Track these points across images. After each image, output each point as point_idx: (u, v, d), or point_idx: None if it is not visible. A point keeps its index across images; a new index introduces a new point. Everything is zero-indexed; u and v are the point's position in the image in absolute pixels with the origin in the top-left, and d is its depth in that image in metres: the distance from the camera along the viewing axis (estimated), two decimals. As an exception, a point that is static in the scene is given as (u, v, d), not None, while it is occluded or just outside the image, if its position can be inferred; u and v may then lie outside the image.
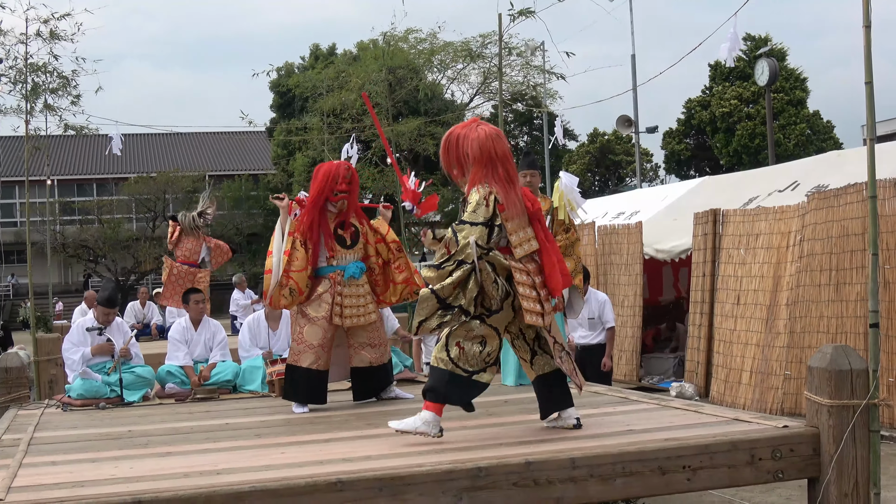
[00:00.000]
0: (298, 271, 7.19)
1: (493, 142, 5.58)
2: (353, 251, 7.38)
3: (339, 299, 7.23)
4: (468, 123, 5.75)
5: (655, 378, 14.62)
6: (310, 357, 7.17)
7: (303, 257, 7.21)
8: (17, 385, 8.41)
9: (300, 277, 7.19)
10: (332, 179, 7.25)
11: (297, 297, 7.22)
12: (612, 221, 16.42)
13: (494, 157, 5.56)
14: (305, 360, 7.17)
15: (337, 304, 7.22)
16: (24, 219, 15.85)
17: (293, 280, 7.18)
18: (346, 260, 7.34)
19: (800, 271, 11.17)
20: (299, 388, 7.23)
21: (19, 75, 16.14)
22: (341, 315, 7.23)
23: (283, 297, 7.23)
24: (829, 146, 37.26)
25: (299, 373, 7.18)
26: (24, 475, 4.95)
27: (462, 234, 5.46)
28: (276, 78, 44.79)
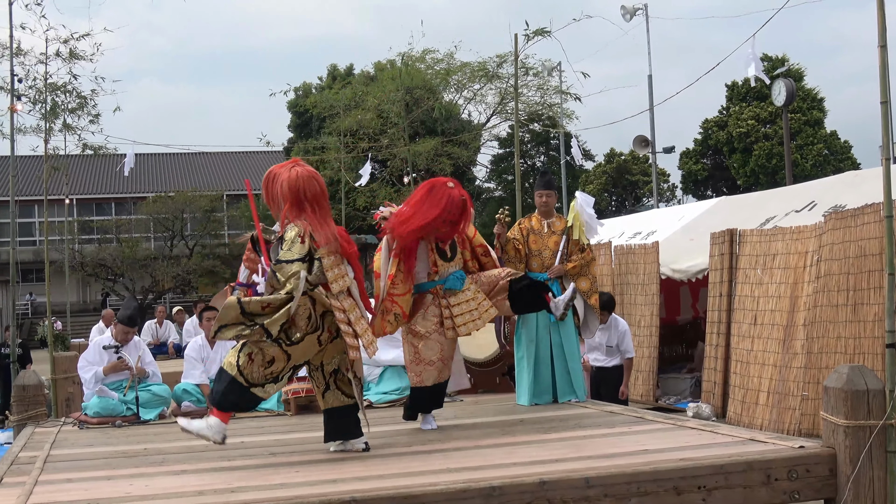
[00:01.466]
0: (402, 295, 6.96)
1: (304, 182, 5.86)
2: (454, 262, 7.18)
3: (447, 312, 7.02)
4: (286, 164, 6.04)
5: (672, 398, 14.56)
6: (433, 374, 7.00)
7: (404, 279, 6.98)
8: (35, 403, 8.45)
9: (404, 301, 6.97)
10: (449, 210, 6.92)
11: (402, 321, 7.00)
12: (628, 241, 16.40)
13: (304, 198, 5.85)
14: (429, 378, 7.00)
15: (447, 318, 7.01)
16: (43, 238, 15.91)
17: (398, 304, 6.95)
18: (447, 272, 7.13)
19: (817, 291, 11.12)
20: (425, 405, 7.12)
21: (39, 95, 16.25)
22: (454, 327, 7.00)
23: (387, 322, 6.94)
24: (846, 166, 37.20)
25: (425, 392, 7.05)
26: (39, 492, 4.97)
27: (281, 273, 5.64)
28: (294, 98, 45.04)
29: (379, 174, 36.13)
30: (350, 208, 34.64)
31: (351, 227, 37.94)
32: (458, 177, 37.29)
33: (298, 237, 5.75)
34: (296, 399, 8.44)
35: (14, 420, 8.63)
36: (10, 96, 13.30)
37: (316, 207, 5.86)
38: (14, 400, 8.64)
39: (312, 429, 7.35)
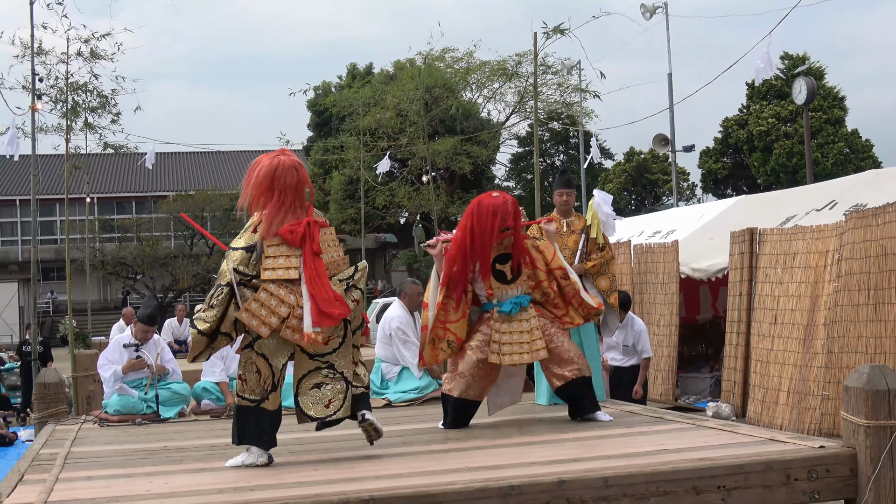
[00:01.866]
0: (456, 322, 6.91)
1: (282, 171, 5.71)
2: (515, 285, 6.98)
3: (496, 336, 6.88)
4: (273, 152, 5.87)
5: (692, 398, 14.51)
6: (461, 386, 6.93)
7: (460, 305, 6.92)
8: (56, 401, 8.49)
9: (458, 327, 6.92)
10: (498, 217, 6.85)
11: (456, 347, 6.97)
12: (648, 240, 16.35)
13: (275, 186, 5.70)
14: (457, 388, 6.95)
15: (495, 342, 6.87)
16: (64, 236, 15.99)
17: (451, 332, 6.92)
18: (505, 296, 6.96)
19: (837, 291, 11.06)
20: (447, 415, 7.04)
21: (60, 94, 16.32)
22: (499, 353, 6.87)
23: (440, 350, 6.95)
24: (867, 165, 36.96)
25: (450, 402, 6.99)
26: (60, 489, 4.99)
27: (228, 258, 5.67)
28: (314, 97, 45.13)
29: (398, 173, 36.19)
30: (369, 207, 34.67)
31: (370, 226, 38.01)
32: (477, 175, 37.42)
33: (252, 224, 5.76)
34: (315, 397, 8.43)
35: (35, 418, 8.69)
36: (31, 95, 13.37)
37: (284, 198, 5.74)
38: (35, 398, 8.69)
39: (331, 427, 7.37)
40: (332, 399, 5.80)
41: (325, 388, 5.79)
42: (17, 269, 51.89)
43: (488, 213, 6.86)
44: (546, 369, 7.03)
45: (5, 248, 54.65)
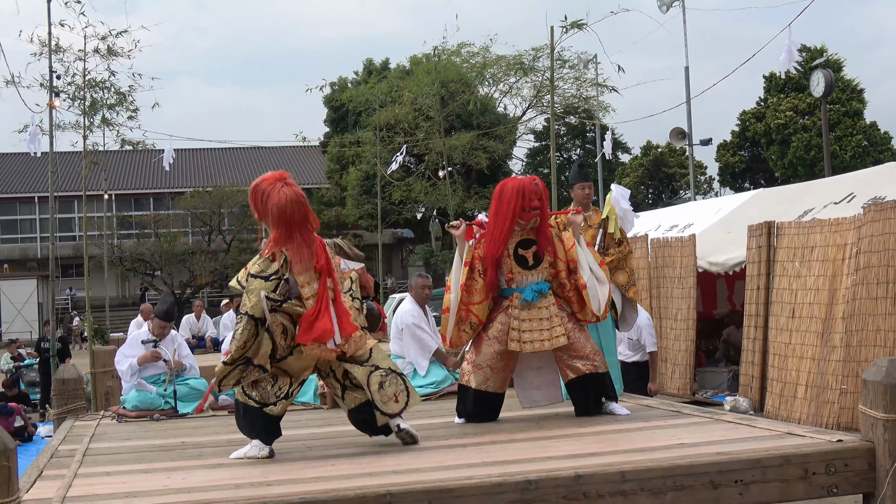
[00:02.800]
0: (479, 303, 6.90)
1: (291, 209, 5.84)
2: (536, 272, 6.92)
3: (515, 323, 6.82)
4: (273, 179, 5.94)
5: (709, 392, 14.49)
6: (479, 377, 6.90)
7: (482, 288, 6.90)
8: (74, 396, 8.54)
9: (480, 309, 6.91)
10: (523, 197, 6.80)
11: (479, 328, 6.95)
12: (665, 234, 16.32)
13: (292, 222, 5.86)
14: (475, 380, 6.92)
15: (514, 329, 6.82)
16: (83, 233, 16.05)
17: (473, 314, 6.91)
18: (525, 282, 6.90)
19: (856, 284, 11.02)
20: (465, 407, 7.01)
21: (78, 91, 16.40)
22: (520, 340, 6.82)
23: (463, 332, 6.95)
24: (886, 157, 36.76)
25: (468, 394, 6.95)
26: (78, 485, 5.02)
27: (250, 287, 5.82)
28: (330, 93, 45.16)
29: (415, 168, 36.21)
30: (386, 202, 34.69)
31: (387, 222, 38.04)
32: (494, 170, 37.38)
33: (273, 255, 5.90)
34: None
35: (54, 413, 8.73)
36: (49, 93, 13.44)
37: (303, 232, 5.94)
38: (54, 394, 8.74)
39: (349, 422, 7.38)
40: (398, 393, 6.06)
41: (387, 387, 6.03)
42: (35, 266, 52.21)
43: (514, 192, 6.83)
44: (560, 360, 7.01)
45: (24, 246, 54.96)
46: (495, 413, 7.03)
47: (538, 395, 7.26)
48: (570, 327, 6.94)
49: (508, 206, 6.84)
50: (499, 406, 7.05)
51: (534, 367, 7.16)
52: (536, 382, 7.23)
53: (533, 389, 7.25)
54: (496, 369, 6.93)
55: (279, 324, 5.79)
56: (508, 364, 6.99)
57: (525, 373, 7.19)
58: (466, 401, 7.00)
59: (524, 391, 7.26)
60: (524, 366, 7.15)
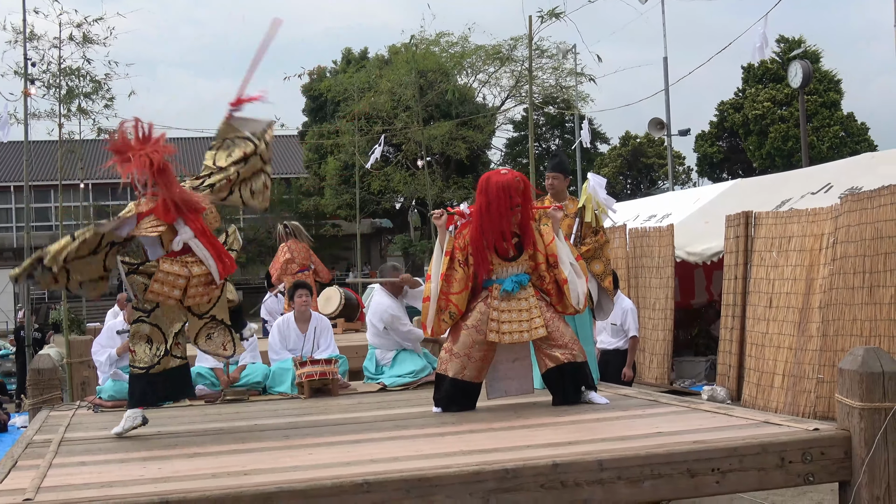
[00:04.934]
0: (458, 293, 6.91)
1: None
2: (516, 263, 6.94)
3: (495, 314, 6.84)
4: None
5: (687, 381, 14.55)
6: (455, 366, 6.90)
7: (462, 277, 6.91)
8: (50, 386, 8.47)
9: (459, 299, 6.91)
10: (510, 196, 6.85)
11: (457, 317, 6.96)
12: (643, 224, 16.36)
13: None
14: (451, 368, 6.91)
15: (493, 320, 6.83)
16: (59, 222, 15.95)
17: (453, 303, 6.91)
18: (505, 273, 6.93)
19: (833, 274, 11.08)
20: (442, 397, 6.99)
21: (53, 79, 16.27)
22: (499, 331, 6.83)
23: (443, 321, 6.96)
24: (863, 148, 36.94)
25: (445, 382, 6.95)
26: (53, 475, 4.98)
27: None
28: (309, 82, 45.03)
29: (393, 158, 36.16)
30: (364, 192, 34.64)
31: (365, 211, 37.97)
32: (473, 160, 37.39)
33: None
34: (309, 382, 8.44)
35: (29, 404, 8.67)
36: (24, 80, 13.33)
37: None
38: (29, 384, 8.67)
39: (326, 412, 7.37)
40: (225, 342, 6.65)
41: (216, 337, 6.62)
42: (11, 255, 51.78)
43: (500, 190, 6.85)
44: (538, 349, 7.01)
45: (0, 235, 54.57)
46: (472, 402, 7.02)
47: (509, 386, 7.23)
48: (549, 317, 6.95)
49: (498, 207, 6.86)
50: (476, 395, 7.05)
51: (509, 358, 7.15)
52: (509, 374, 7.20)
53: (504, 380, 7.22)
54: (473, 358, 6.92)
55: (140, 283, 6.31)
56: (487, 354, 6.98)
57: (500, 364, 7.17)
58: (443, 388, 6.99)
59: (493, 382, 7.22)
60: (502, 357, 7.13)
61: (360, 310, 14.11)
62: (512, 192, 6.85)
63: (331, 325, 9.84)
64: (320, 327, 9.42)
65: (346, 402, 8.00)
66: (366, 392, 8.70)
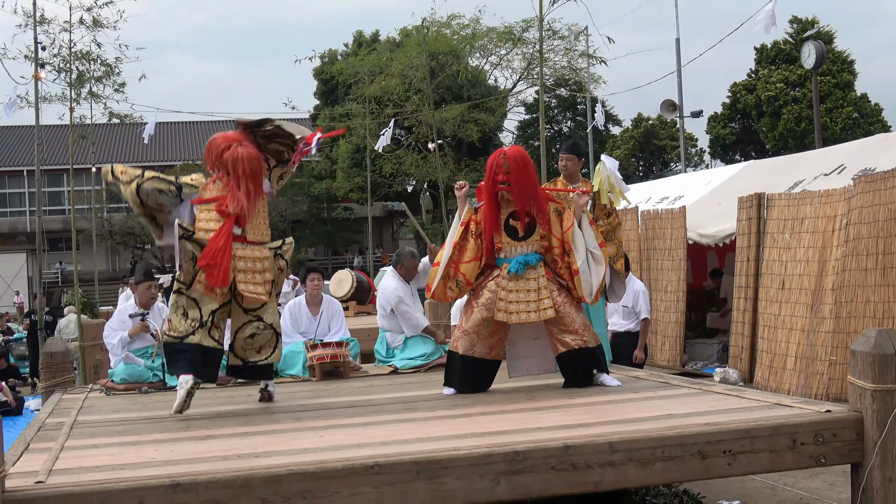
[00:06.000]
0: (467, 262, 6.95)
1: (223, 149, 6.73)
2: (526, 243, 6.94)
3: (503, 294, 6.85)
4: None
5: (699, 364, 14.51)
6: (465, 343, 6.95)
7: (473, 248, 6.96)
8: (62, 370, 8.51)
9: (468, 269, 6.94)
10: (491, 170, 6.92)
11: (465, 287, 7.00)
12: (655, 206, 16.30)
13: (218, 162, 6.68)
14: (461, 346, 6.96)
15: (501, 300, 6.85)
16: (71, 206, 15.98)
17: (461, 273, 6.96)
18: (514, 252, 6.95)
19: (846, 255, 11.02)
20: (453, 374, 7.04)
21: (63, 63, 16.26)
22: (506, 311, 6.85)
23: (449, 289, 7.02)
24: (876, 129, 36.76)
25: (455, 359, 7.00)
26: (65, 457, 5.00)
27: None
28: (320, 65, 44.99)
29: (405, 141, 36.10)
30: (376, 175, 34.62)
31: (377, 194, 37.98)
32: (485, 143, 37.30)
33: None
34: (321, 365, 8.45)
35: (42, 387, 8.70)
36: (34, 64, 13.33)
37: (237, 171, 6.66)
38: (42, 367, 8.70)
39: (337, 394, 7.38)
40: (264, 346, 6.76)
41: (258, 338, 6.71)
42: (25, 239, 52.03)
43: (488, 167, 6.99)
44: (550, 333, 7.00)
45: (13, 219, 54.78)
46: (483, 380, 7.04)
47: (530, 365, 7.25)
48: (560, 301, 6.92)
49: (486, 183, 6.98)
50: (487, 373, 7.06)
51: (530, 337, 7.15)
52: (530, 352, 7.21)
53: (525, 359, 7.24)
54: (482, 336, 6.94)
55: (189, 251, 6.46)
56: (496, 332, 6.98)
57: (519, 342, 7.19)
58: (454, 366, 7.04)
59: (514, 360, 7.24)
60: (520, 335, 7.14)
61: (371, 292, 14.12)
62: (495, 169, 6.90)
63: (342, 307, 9.84)
64: (332, 310, 9.42)
65: (357, 385, 8.01)
66: (377, 375, 8.72)
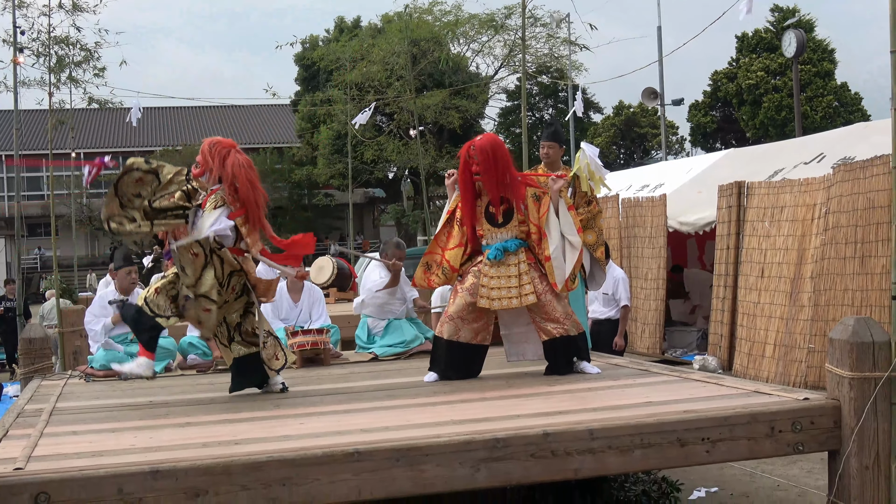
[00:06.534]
0: (452, 249, 7.01)
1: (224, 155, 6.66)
2: (506, 229, 6.96)
3: (485, 280, 6.88)
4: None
5: (679, 351, 14.57)
6: (450, 328, 6.96)
7: (459, 235, 7.02)
8: (41, 356, 8.47)
9: (453, 255, 6.99)
10: (463, 160, 6.94)
11: (451, 274, 7.03)
12: (636, 194, 16.33)
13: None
14: (446, 331, 6.98)
15: (483, 286, 6.88)
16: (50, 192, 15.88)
17: (446, 260, 7.01)
18: (494, 239, 6.97)
19: (825, 244, 11.08)
20: (438, 359, 7.05)
21: (42, 48, 16.14)
22: (489, 297, 6.87)
23: (435, 276, 7.08)
24: (856, 118, 36.90)
25: (441, 344, 7.02)
26: (44, 444, 4.98)
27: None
28: (301, 51, 44.82)
29: (386, 127, 36.03)
30: (357, 161, 34.52)
31: (358, 181, 37.89)
32: (466, 130, 37.24)
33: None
34: (301, 352, 8.44)
35: (21, 373, 8.66)
36: (13, 49, 13.22)
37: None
38: (21, 353, 8.66)
39: (318, 381, 7.38)
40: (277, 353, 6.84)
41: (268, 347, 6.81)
42: (3, 224, 51.70)
43: (461, 159, 7.00)
44: (533, 320, 7.03)
45: (-9, 205, 54.42)
46: (469, 365, 7.05)
47: (525, 350, 7.28)
48: (542, 288, 6.92)
49: (460, 175, 7.00)
50: (473, 359, 7.07)
51: (523, 322, 7.17)
52: (524, 338, 7.24)
53: (520, 344, 7.27)
54: (467, 321, 6.96)
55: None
56: (481, 316, 7.00)
57: (513, 328, 7.22)
58: (439, 351, 7.06)
59: (511, 345, 7.28)
60: (513, 320, 7.18)
61: (352, 279, 14.08)
62: (467, 161, 6.93)
63: (323, 294, 9.84)
64: (312, 297, 9.41)
65: (338, 372, 8.01)
66: (357, 362, 8.72)
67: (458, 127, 36.13)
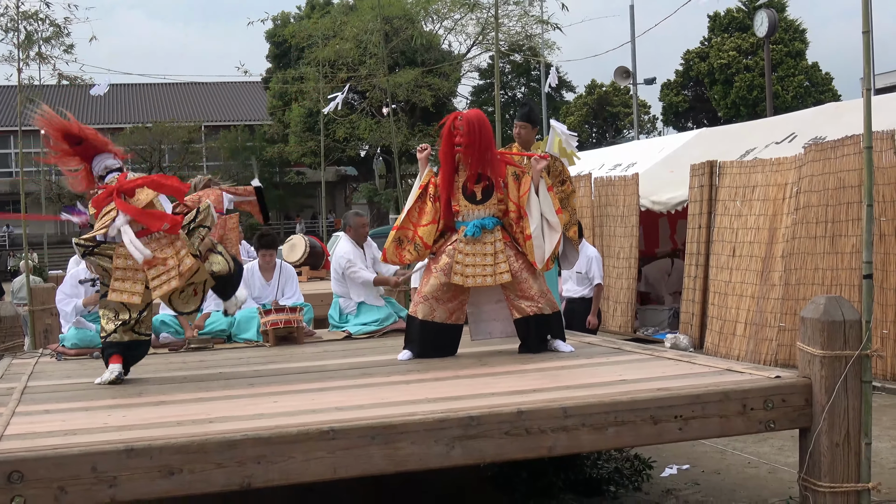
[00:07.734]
0: (425, 225, 6.95)
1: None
2: (484, 207, 6.94)
3: (459, 257, 6.86)
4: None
5: (650, 329, 14.65)
6: (425, 308, 6.94)
7: (431, 211, 6.96)
8: (11, 334, 8.41)
9: (426, 231, 6.94)
10: (447, 133, 6.91)
11: (423, 251, 6.98)
12: (608, 173, 16.37)
13: None
14: (421, 311, 6.95)
15: (458, 263, 6.86)
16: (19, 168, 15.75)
17: (419, 236, 6.95)
18: (471, 216, 6.95)
19: (795, 223, 11.16)
20: (412, 339, 7.03)
21: (11, 23, 15.98)
22: (463, 274, 6.85)
23: (407, 251, 7.00)
24: (827, 98, 37.14)
25: (415, 325, 6.99)
26: (16, 423, 4.95)
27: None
28: (273, 28, 44.52)
29: (358, 105, 35.90)
30: (329, 139, 34.39)
31: (330, 159, 37.76)
32: (439, 108, 37.15)
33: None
34: (274, 330, 8.42)
35: (-9, 352, 8.59)
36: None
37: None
38: (-9, 332, 8.59)
39: (291, 360, 7.37)
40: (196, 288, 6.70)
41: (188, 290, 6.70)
42: (-27, 201, 51.16)
43: (445, 129, 6.96)
44: (507, 298, 7.03)
45: (-41, 182, 53.85)
46: (444, 345, 7.03)
47: (493, 328, 7.27)
48: (517, 267, 6.93)
49: (442, 146, 6.95)
50: (450, 339, 7.06)
51: (493, 300, 7.17)
52: (493, 315, 7.23)
53: (488, 322, 7.27)
54: (441, 300, 6.95)
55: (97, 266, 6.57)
56: (456, 296, 7.00)
57: (483, 306, 7.21)
58: (413, 331, 7.04)
59: (477, 324, 7.27)
60: (483, 298, 7.17)
61: (325, 258, 14.06)
62: (451, 132, 6.90)
63: (296, 272, 9.81)
64: (285, 275, 9.39)
65: (312, 350, 8.00)
66: (331, 340, 8.70)
67: (431, 105, 36.03)
